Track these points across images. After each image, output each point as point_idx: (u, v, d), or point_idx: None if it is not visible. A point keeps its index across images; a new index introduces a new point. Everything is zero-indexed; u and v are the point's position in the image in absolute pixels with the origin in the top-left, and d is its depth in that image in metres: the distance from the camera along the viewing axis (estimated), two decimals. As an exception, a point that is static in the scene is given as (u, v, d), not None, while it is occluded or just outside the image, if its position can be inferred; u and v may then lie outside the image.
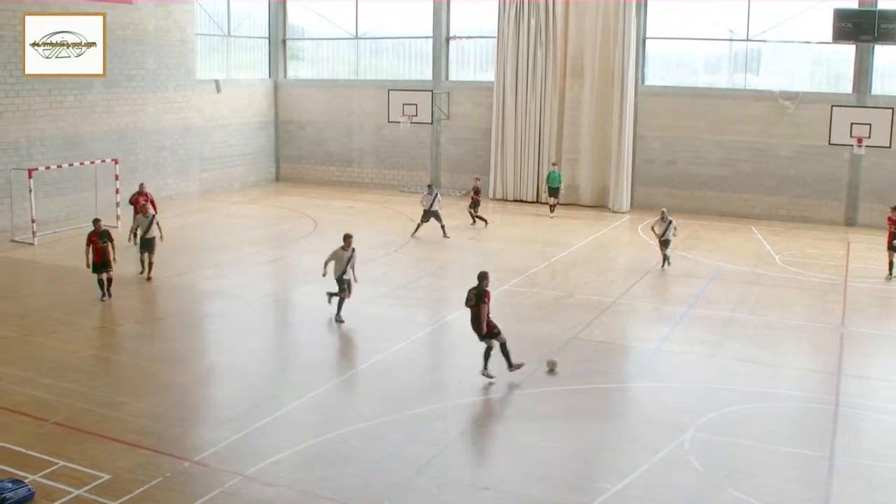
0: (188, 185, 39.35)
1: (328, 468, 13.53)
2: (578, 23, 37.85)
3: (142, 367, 18.35)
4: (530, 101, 38.89)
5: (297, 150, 45.30)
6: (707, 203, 36.33)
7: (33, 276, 26.43)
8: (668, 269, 26.43)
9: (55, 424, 15.11)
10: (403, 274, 26.11)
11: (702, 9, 36.25)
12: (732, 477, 13.29)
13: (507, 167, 39.76)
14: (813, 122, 34.43)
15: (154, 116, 37.37)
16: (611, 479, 13.25)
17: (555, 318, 21.62)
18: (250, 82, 44.10)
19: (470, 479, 13.23)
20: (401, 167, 43.04)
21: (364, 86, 43.47)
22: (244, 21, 43.70)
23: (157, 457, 13.82)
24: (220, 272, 26.29)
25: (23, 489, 12.35)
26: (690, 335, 20.70)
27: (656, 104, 37.42)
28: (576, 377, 17.76)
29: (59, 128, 33.14)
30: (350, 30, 43.91)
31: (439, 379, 18.60)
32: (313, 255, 27.79)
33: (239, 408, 15.96)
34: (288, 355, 20.04)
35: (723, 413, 15.76)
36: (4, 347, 19.12)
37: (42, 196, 31.23)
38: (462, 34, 41.78)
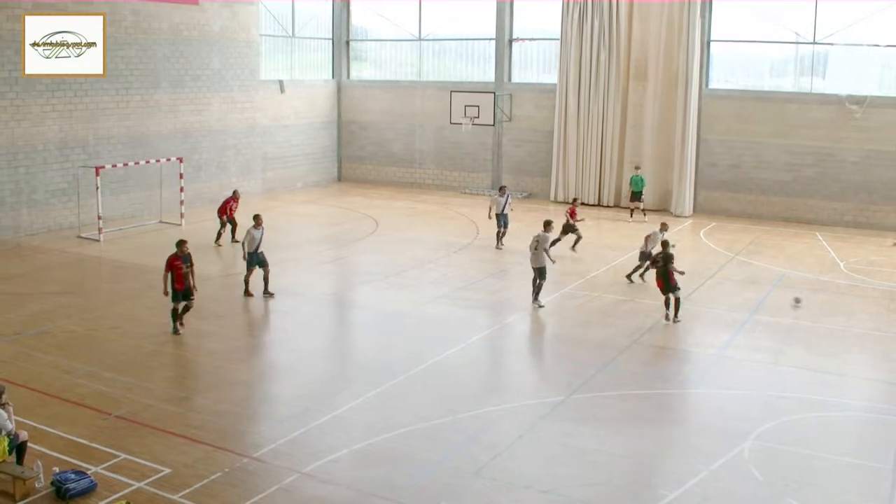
0: (251, 185, 39.70)
1: (385, 468, 13.57)
2: (642, 25, 37.58)
3: (203, 363, 18.58)
4: (593, 104, 38.69)
5: (360, 150, 45.52)
6: (771, 208, 35.85)
7: (98, 272, 26.86)
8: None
9: (117, 418, 15.34)
10: (464, 275, 26.09)
11: (768, 11, 35.76)
12: (792, 487, 13.11)
13: (568, 170, 39.58)
14: (881, 126, 33.84)
15: (218, 116, 37.79)
16: (669, 485, 13.13)
17: (615, 323, 21.47)
18: (313, 83, 44.41)
19: (528, 483, 13.18)
20: (462, 169, 43.06)
21: (426, 87, 43.56)
22: (308, 22, 44.04)
23: (217, 452, 13.97)
24: (282, 270, 26.45)
25: (85, 480, 12.55)
26: (752, 342, 20.44)
27: (720, 107, 37.01)
28: (636, 382, 17.63)
29: (126, 126, 33.64)
30: (413, 31, 44.02)
31: (498, 381, 18.58)
32: (374, 255, 28.00)
33: (298, 405, 16.07)
34: (347, 354, 20.12)
35: (784, 422, 15.55)
36: (70, 341, 19.46)
37: (108, 194, 31.73)
38: (525, 36, 41.67)
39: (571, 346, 20.17)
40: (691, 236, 32.89)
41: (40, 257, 27.78)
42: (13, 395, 13.93)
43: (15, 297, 23.20)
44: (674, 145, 37.27)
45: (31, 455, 13.05)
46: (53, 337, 19.84)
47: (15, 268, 26.45)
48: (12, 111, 29.71)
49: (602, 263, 27.48)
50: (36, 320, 21.02)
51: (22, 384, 16.61)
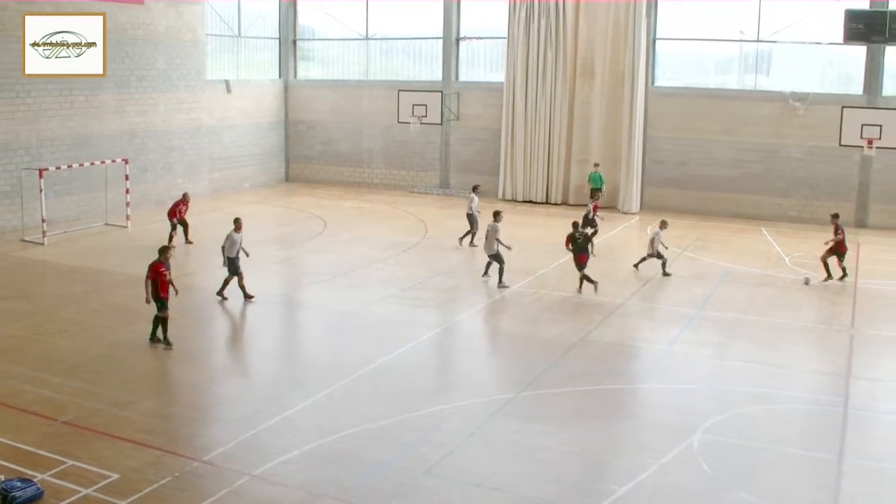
0: (198, 185, 39.35)
1: (336, 468, 13.54)
2: (589, 24, 37.82)
3: (151, 366, 18.40)
4: (540, 102, 38.87)
5: (307, 150, 45.35)
6: (717, 204, 36.25)
7: (43, 275, 26.50)
8: (671, 272, 26.05)
9: (64, 424, 15.14)
10: (412, 274, 26.08)
11: (712, 10, 36.16)
12: (741, 479, 13.26)
13: (516, 168, 39.72)
14: (823, 123, 34.34)
15: (164, 116, 37.45)
16: (619, 480, 13.24)
17: (564, 320, 21.60)
18: (260, 83, 44.17)
19: (479, 480, 13.21)
20: (410, 168, 43.05)
21: (374, 86, 43.49)
22: (255, 22, 43.78)
23: (166, 456, 13.84)
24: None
25: (31, 488, 12.38)
26: (700, 337, 20.65)
27: (667, 105, 37.37)
28: (585, 379, 17.73)
29: (70, 128, 33.22)
30: (360, 30, 43.94)
31: (448, 380, 18.60)
32: (323, 255, 27.90)
33: (247, 407, 15.98)
34: (296, 355, 20.04)
35: (731, 415, 15.73)
36: (15, 347, 19.18)
37: (52, 196, 31.31)
38: (472, 35, 41.77)
39: (520, 343, 20.24)
40: (639, 233, 33.13)
41: (-17, 261, 27.38)
42: (-44, 402, 13.71)
43: (-43, 302, 22.85)
44: (621, 143, 37.54)
45: (-25, 463, 12.87)
46: (-2, 342, 19.57)
47: (-43, 272, 26.05)
48: (-47, 113, 29.27)
49: (551, 261, 27.60)
50: (-21, 326, 20.71)
51: (-35, 391, 16.37)
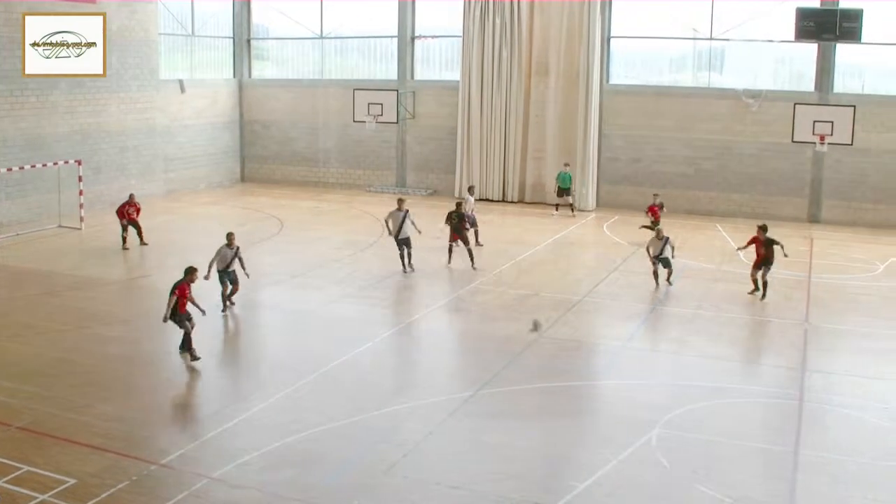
0: (152, 186, 39.04)
1: (296, 469, 13.49)
2: (543, 22, 37.96)
3: (107, 369, 18.21)
4: (496, 101, 38.95)
5: (263, 149, 45.11)
6: (672, 201, 36.38)
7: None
8: (668, 288, 24.59)
9: (19, 429, 14.95)
10: (370, 274, 26.04)
11: (666, 8, 36.44)
12: (699, 473, 13.38)
13: (472, 166, 39.77)
14: (776, 119, 34.71)
15: (117, 117, 37.08)
16: (579, 476, 13.30)
17: (521, 317, 21.63)
18: (214, 82, 43.87)
19: (439, 479, 13.22)
20: (366, 167, 42.97)
21: (329, 85, 43.35)
22: (208, 21, 43.47)
23: (124, 460, 13.72)
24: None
25: (-13, 494, 12.26)
26: (656, 333, 20.84)
27: (621, 103, 37.60)
28: (543, 375, 17.81)
29: (21, 129, 32.79)
30: (315, 29, 43.78)
31: (406, 378, 18.59)
32: (280, 255, 27.79)
33: (206, 409, 15.91)
34: (255, 356, 19.92)
35: (689, 409, 15.86)
36: (-33, 351, 18.93)
37: (4, 198, 30.98)
38: (427, 34, 41.76)
39: (478, 341, 20.28)
40: (594, 230, 33.32)
41: (-67, 265, 26.98)
42: None
43: None
44: (576, 140, 37.69)
45: (-72, 470, 12.70)
46: (-51, 347, 19.29)
47: None
48: None
49: (507, 259, 27.66)
50: (-70, 330, 20.42)
51: (-83, 397, 16.14)
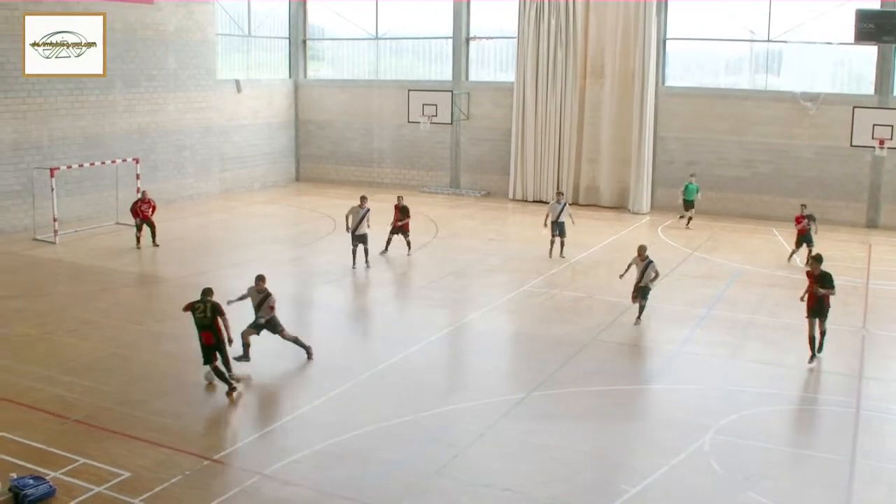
0: (208, 185, 39.47)
1: (347, 468, 13.54)
2: (599, 23, 37.77)
3: (162, 365, 18.41)
4: (550, 102, 38.83)
5: (317, 149, 45.37)
6: (727, 205, 36.15)
7: (54, 274, 26.53)
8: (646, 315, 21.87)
9: (76, 422, 15.18)
10: (423, 274, 26.08)
11: (722, 9, 36.07)
12: (752, 480, 13.23)
13: (526, 168, 39.68)
14: (834, 123, 34.23)
15: (174, 116, 37.51)
16: (631, 480, 13.20)
17: (574, 320, 21.57)
18: (270, 82, 44.20)
19: (489, 481, 13.19)
20: (420, 167, 43.04)
21: (384, 86, 43.49)
22: (264, 21, 43.83)
23: (177, 455, 13.86)
24: (240, 272, 26.27)
25: (44, 486, 12.41)
26: (711, 337, 20.61)
27: (677, 105, 37.30)
28: (596, 379, 17.71)
29: (81, 127, 33.31)
30: (370, 30, 43.94)
31: (459, 380, 18.58)
32: (333, 255, 27.90)
33: (258, 407, 16.02)
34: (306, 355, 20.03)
35: (743, 415, 15.69)
36: (26, 345, 19.23)
37: (64, 195, 31.38)
38: (482, 34, 41.73)
39: (531, 343, 20.22)
40: (649, 233, 33.08)
41: (-6, 260, 27.46)
42: (-32, 401, 13.75)
43: (-31, 300, 22.92)
44: (631, 143, 37.47)
45: (-13, 461, 12.92)
46: (9, 341, 19.59)
47: (-32, 271, 26.13)
48: (-35, 112, 29.38)
49: (561, 261, 27.55)
50: (-9, 324, 20.78)
51: (-23, 389, 16.42)
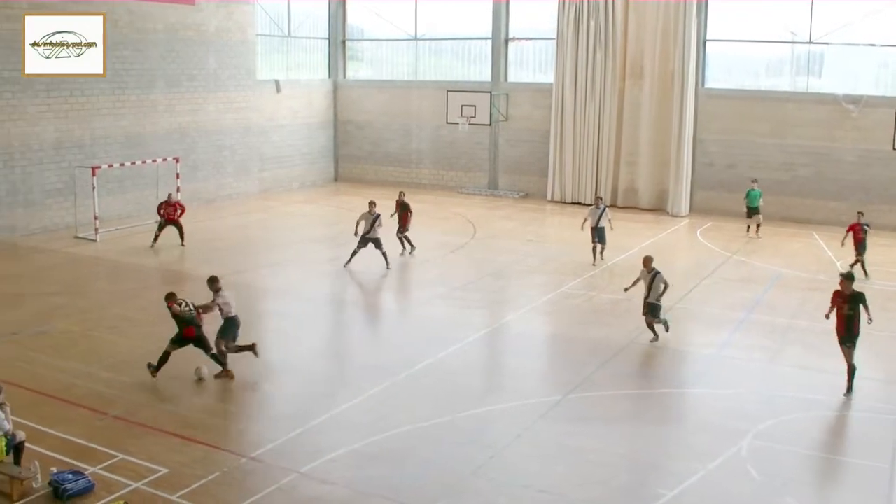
0: (248, 185, 39.71)
1: (383, 467, 13.56)
2: (638, 24, 37.60)
3: (201, 362, 18.51)
4: (589, 103, 38.70)
5: (356, 150, 45.50)
6: (767, 208, 35.62)
7: (95, 272, 26.80)
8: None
9: (115, 418, 15.32)
10: (461, 275, 26.09)
11: (763, 10, 35.78)
12: (790, 486, 13.12)
13: (565, 170, 39.57)
14: (877, 126, 33.83)
15: (214, 116, 37.77)
16: (667, 484, 13.13)
17: (612, 322, 21.49)
18: (310, 83, 44.39)
19: (526, 482, 13.17)
20: (459, 168, 43.05)
21: (423, 87, 43.55)
22: (304, 22, 44.00)
23: (215, 452, 13.96)
24: (279, 271, 26.49)
25: (83, 480, 12.54)
26: (749, 341, 20.45)
27: (716, 107, 37.03)
28: (633, 381, 17.66)
29: (122, 126, 33.62)
30: (409, 31, 44.02)
31: (496, 381, 18.57)
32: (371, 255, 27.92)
33: (295, 405, 16.07)
34: (344, 354, 20.09)
35: (781, 421, 15.55)
36: (67, 342, 19.44)
37: (105, 193, 31.69)
38: (521, 35, 41.67)
39: (569, 345, 20.18)
40: (688, 236, 32.90)
41: (37, 257, 27.75)
42: (10, 396, 13.89)
43: (12, 297, 23.17)
44: (670, 145, 37.26)
45: (28, 455, 13.03)
46: (50, 337, 19.83)
47: (12, 268, 26.42)
48: (9, 111, 29.70)
49: (599, 263, 27.43)
50: (33, 320, 21.00)
51: (19, 384, 16.58)
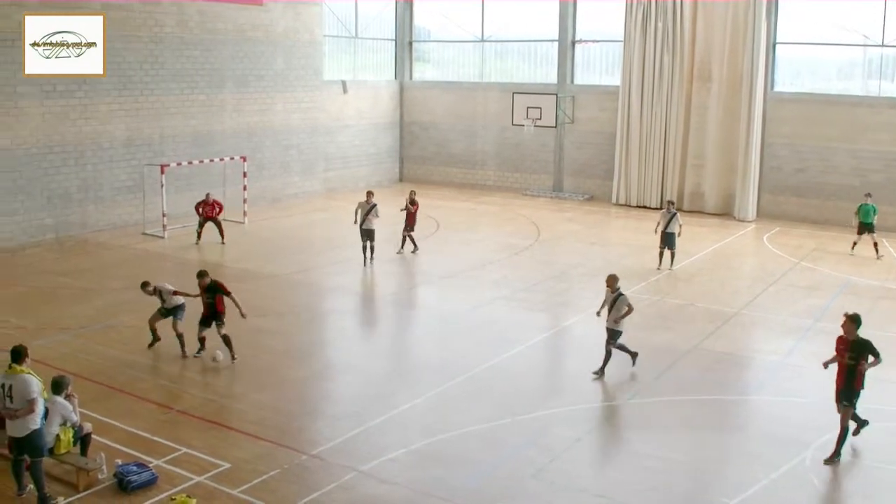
0: (313, 184, 40.02)
1: (443, 468, 13.59)
2: (706, 26, 37.20)
3: (263, 360, 18.72)
4: (656, 106, 38.39)
5: (421, 150, 45.64)
6: (837, 213, 35.16)
7: (162, 268, 27.14)
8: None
9: (179, 412, 15.55)
10: (524, 277, 26.04)
11: (835, 13, 35.17)
12: (855, 499, 12.92)
13: (630, 173, 39.30)
14: (952, 131, 33.15)
15: (282, 116, 38.12)
16: (728, 492, 12.98)
17: (676, 327, 21.31)
18: (376, 83, 44.61)
19: (584, 486, 13.12)
20: (524, 170, 42.97)
21: (489, 88, 43.55)
22: (371, 23, 44.22)
23: (276, 449, 14.09)
24: (342, 270, 26.65)
25: (146, 473, 12.75)
26: (816, 349, 20.07)
27: (786, 110, 36.50)
28: (695, 388, 17.47)
29: (191, 125, 34.10)
30: (475, 32, 44.04)
31: (557, 384, 18.51)
32: (435, 256, 28.06)
33: (356, 404, 16.15)
34: (405, 354, 20.14)
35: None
36: (133, 337, 19.73)
37: (173, 191, 32.14)
38: (588, 37, 41.46)
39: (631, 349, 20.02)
40: (754, 241, 32.49)
41: (106, 253, 28.25)
42: (78, 388, 14.16)
43: (81, 291, 23.62)
44: (737, 149, 36.81)
45: (94, 447, 13.29)
46: (118, 332, 20.17)
47: (81, 263, 26.92)
48: (80, 110, 30.27)
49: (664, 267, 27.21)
50: (101, 315, 21.40)
51: (87, 377, 16.92)
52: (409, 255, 28.38)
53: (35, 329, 20.15)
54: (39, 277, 25.09)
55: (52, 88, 29.39)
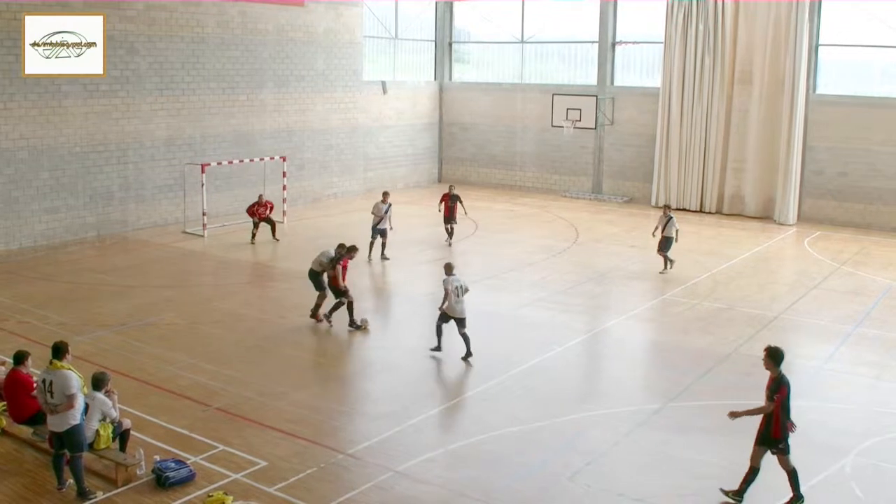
0: (352, 184, 40.15)
1: (479, 469, 13.57)
2: (748, 28, 36.91)
3: (302, 359, 18.81)
4: (696, 108, 38.14)
5: (461, 151, 45.66)
6: (880, 217, 34.81)
7: (202, 266, 27.40)
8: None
9: (217, 410, 15.65)
10: (563, 279, 25.96)
11: (879, 14, 34.77)
12: (897, 505, 12.76)
13: (670, 175, 39.07)
14: None
15: (322, 116, 38.28)
16: (765, 498, 12.85)
17: (714, 331, 21.15)
18: (416, 84, 44.68)
19: (621, 490, 13.05)
20: (563, 172, 42.85)
21: (528, 90, 43.48)
22: (411, 24, 44.31)
23: (313, 447, 14.15)
24: (381, 270, 26.72)
25: (184, 469, 12.85)
26: (856, 355, 19.92)
27: (828, 113, 36.11)
28: (734, 392, 17.33)
29: (232, 125, 34.34)
30: (515, 34, 43.98)
31: (595, 386, 18.45)
32: (474, 257, 28.05)
33: (394, 404, 16.18)
34: (444, 355, 20.10)
35: (888, 438, 15.12)
36: (173, 334, 19.91)
37: (213, 190, 32.38)
38: (628, 39, 41.29)
39: (670, 353, 19.92)
40: (795, 245, 32.21)
41: (146, 251, 28.50)
42: (118, 384, 14.30)
43: (121, 289, 23.84)
44: (778, 152, 36.49)
45: (133, 443, 13.42)
46: (157, 329, 20.34)
47: (122, 261, 27.17)
48: (123, 109, 30.57)
49: (702, 271, 27.05)
50: (141, 312, 21.59)
51: (126, 374, 17.07)
52: (445, 256, 28.42)
53: (76, 325, 20.38)
54: (81, 275, 25.37)
55: (96, 88, 29.72)
